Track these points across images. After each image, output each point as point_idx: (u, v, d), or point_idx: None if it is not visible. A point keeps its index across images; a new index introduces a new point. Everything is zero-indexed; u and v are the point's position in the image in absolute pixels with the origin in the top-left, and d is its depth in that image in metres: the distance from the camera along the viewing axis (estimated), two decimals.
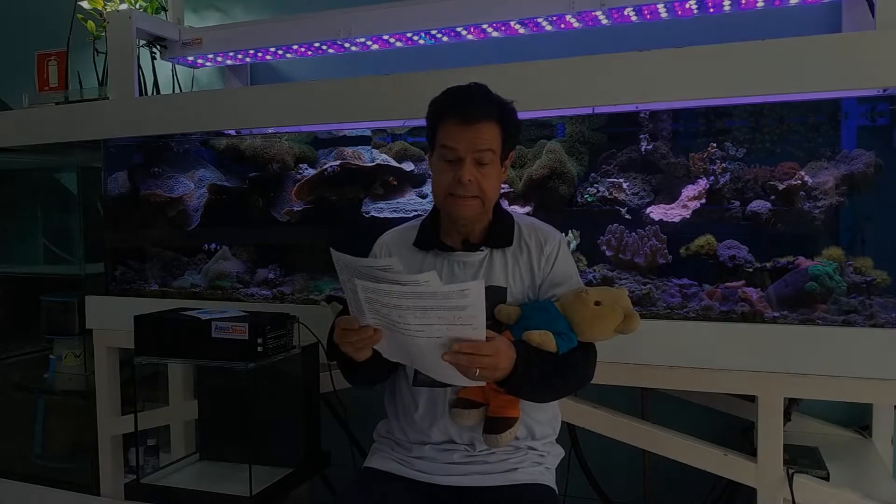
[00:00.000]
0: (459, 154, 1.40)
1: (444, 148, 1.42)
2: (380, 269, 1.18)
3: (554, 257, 1.50)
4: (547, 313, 1.41)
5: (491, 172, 1.42)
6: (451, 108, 1.41)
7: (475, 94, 1.43)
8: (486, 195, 1.43)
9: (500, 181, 1.48)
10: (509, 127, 1.44)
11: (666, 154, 1.97)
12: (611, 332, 1.40)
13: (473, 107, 1.40)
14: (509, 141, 1.46)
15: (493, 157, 1.42)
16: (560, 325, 1.39)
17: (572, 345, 1.39)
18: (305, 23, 2.39)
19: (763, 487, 1.66)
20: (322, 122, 2.12)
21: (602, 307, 1.39)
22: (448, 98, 1.44)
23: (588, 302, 1.39)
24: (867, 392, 1.59)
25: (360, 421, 2.09)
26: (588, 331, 1.39)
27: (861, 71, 1.54)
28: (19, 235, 3.05)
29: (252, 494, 1.74)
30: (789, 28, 2.14)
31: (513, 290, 1.48)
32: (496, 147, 1.42)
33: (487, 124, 1.40)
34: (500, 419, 1.40)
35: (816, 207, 1.81)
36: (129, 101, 2.36)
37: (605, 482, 2.21)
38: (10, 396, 2.85)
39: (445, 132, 1.42)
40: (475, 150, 1.40)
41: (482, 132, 1.39)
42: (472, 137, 1.39)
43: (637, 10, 2.04)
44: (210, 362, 1.77)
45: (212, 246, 2.41)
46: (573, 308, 1.40)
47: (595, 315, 1.38)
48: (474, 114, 1.39)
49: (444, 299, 1.16)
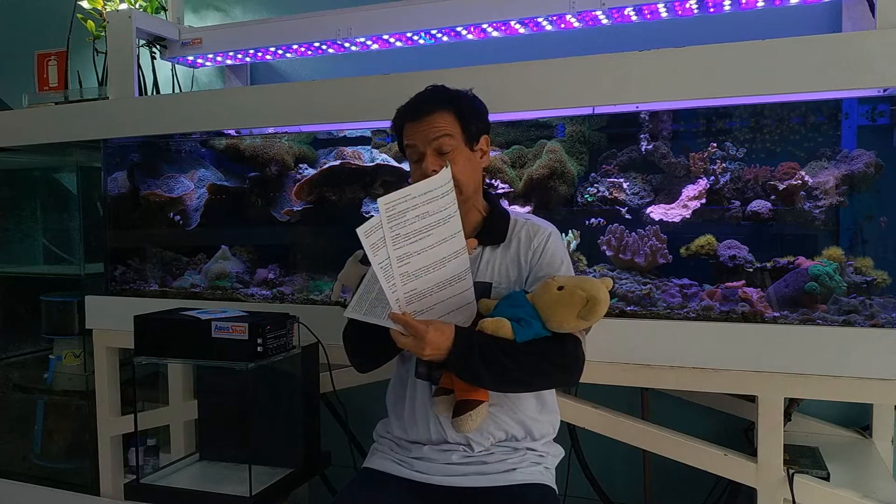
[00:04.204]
0: (420, 149, 1.46)
1: (407, 149, 1.49)
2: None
3: (542, 249, 1.49)
4: (512, 301, 1.40)
5: (456, 159, 1.45)
6: (404, 113, 1.50)
7: (425, 93, 1.51)
8: (457, 181, 1.42)
9: (474, 166, 1.49)
10: (465, 111, 1.47)
11: (666, 154, 1.97)
12: (573, 318, 1.34)
13: (421, 103, 1.48)
14: (471, 125, 1.48)
15: (453, 141, 1.45)
16: (521, 312, 1.36)
17: (532, 332, 1.34)
18: (305, 23, 2.39)
19: (763, 488, 1.66)
20: (322, 122, 2.12)
21: (563, 292, 1.34)
22: (401, 108, 1.52)
23: (551, 287, 1.36)
24: (867, 392, 1.59)
25: (360, 421, 2.09)
26: (552, 317, 1.35)
27: (861, 71, 1.54)
28: (19, 235, 3.05)
29: (252, 495, 1.74)
30: (789, 28, 2.14)
31: (499, 285, 1.49)
32: (453, 132, 1.45)
33: (439, 114, 1.45)
34: (463, 401, 1.38)
35: (817, 207, 1.81)
36: (129, 101, 2.35)
37: (605, 482, 2.21)
38: (10, 396, 2.85)
39: (406, 133, 1.49)
40: (430, 139, 1.44)
41: (434, 122, 1.45)
42: (425, 129, 1.45)
43: (637, 10, 2.04)
44: (210, 362, 1.76)
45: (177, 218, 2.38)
46: (539, 294, 1.38)
47: (556, 300, 1.34)
48: (423, 108, 1.47)
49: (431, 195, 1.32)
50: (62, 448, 2.72)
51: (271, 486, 1.79)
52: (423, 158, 1.45)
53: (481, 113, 1.52)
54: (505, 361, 1.33)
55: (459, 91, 1.51)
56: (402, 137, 1.51)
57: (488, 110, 1.54)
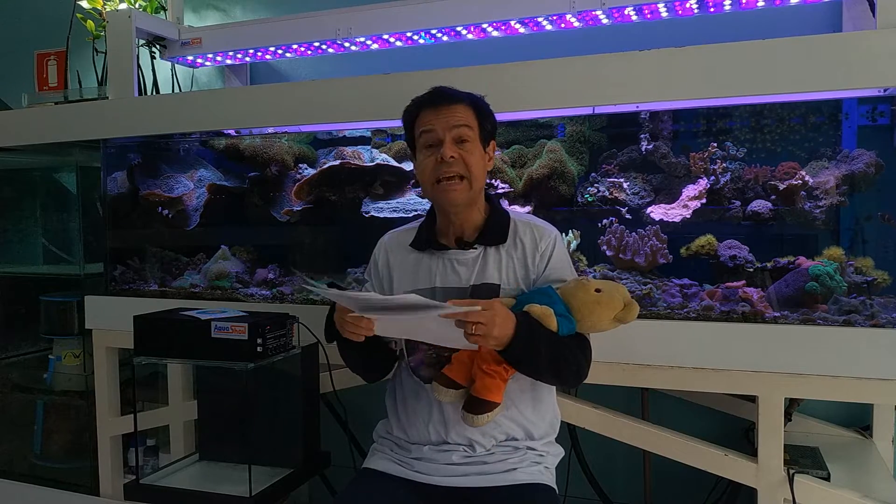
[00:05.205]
0: (438, 135, 1.46)
1: (423, 134, 1.49)
2: (363, 300, 1.31)
3: (549, 254, 1.51)
4: (547, 296, 1.41)
5: (473, 150, 1.46)
6: (424, 101, 1.51)
7: (441, 87, 1.52)
8: (471, 173, 1.45)
9: (484, 165, 1.51)
10: (482, 110, 1.50)
11: (666, 154, 1.97)
12: (609, 319, 1.41)
13: (443, 92, 1.50)
14: (487, 123, 1.50)
15: (471, 133, 1.47)
16: (559, 307, 1.39)
17: (571, 328, 1.39)
18: (305, 22, 2.38)
19: (763, 488, 1.65)
20: (322, 122, 2.12)
21: (602, 294, 1.40)
22: (419, 97, 1.53)
23: (589, 288, 1.41)
24: (868, 392, 1.58)
25: (360, 421, 2.09)
26: (588, 317, 1.40)
27: (861, 71, 1.54)
28: (19, 235, 3.05)
29: (252, 495, 1.74)
30: (789, 28, 2.14)
31: (506, 286, 1.49)
32: (472, 124, 1.47)
33: (460, 105, 1.48)
34: (481, 401, 1.40)
35: (817, 207, 1.81)
36: (129, 101, 2.35)
37: (605, 482, 2.21)
38: (10, 396, 2.85)
39: (422, 120, 1.49)
40: (451, 126, 1.46)
41: (455, 111, 1.47)
42: (447, 116, 1.46)
43: (637, 10, 2.04)
44: (210, 362, 1.76)
45: (165, 212, 2.37)
46: (573, 293, 1.41)
47: (595, 301, 1.39)
48: (446, 97, 1.49)
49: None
50: (62, 448, 2.72)
51: (271, 486, 1.79)
52: (440, 144, 1.45)
53: (493, 119, 1.55)
54: (554, 353, 1.37)
55: (473, 94, 1.53)
56: (416, 125, 1.50)
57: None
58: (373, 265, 1.64)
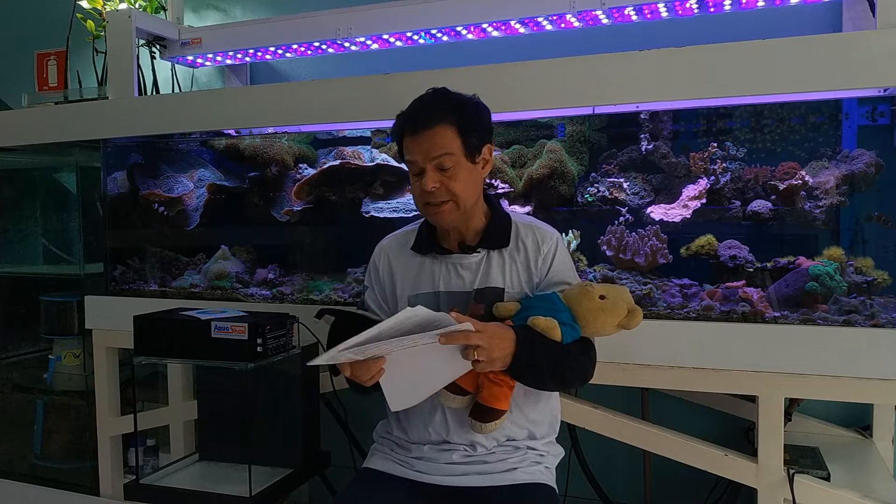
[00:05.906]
0: (420, 165, 1.43)
1: (407, 163, 1.47)
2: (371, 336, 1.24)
3: (552, 257, 1.50)
4: (551, 303, 1.42)
5: (457, 174, 1.43)
6: (404, 124, 1.46)
7: (425, 101, 1.46)
8: (457, 196, 1.43)
9: (475, 179, 1.47)
10: (467, 124, 1.43)
11: (666, 154, 1.97)
12: (613, 326, 1.41)
13: (421, 116, 1.43)
14: (472, 138, 1.44)
15: (453, 158, 1.42)
16: (563, 315, 1.39)
17: (576, 335, 1.40)
18: (305, 22, 2.38)
19: (763, 488, 1.65)
20: (322, 122, 2.12)
21: (606, 301, 1.40)
22: (403, 114, 1.48)
23: (593, 295, 1.41)
24: (868, 392, 1.58)
25: (360, 421, 2.09)
26: (592, 324, 1.40)
27: (861, 71, 1.54)
28: (19, 235, 3.05)
29: (252, 495, 1.74)
30: (789, 28, 2.14)
31: (510, 290, 1.49)
32: (454, 149, 1.42)
33: (439, 129, 1.41)
34: (488, 409, 1.40)
35: (817, 207, 1.81)
36: (129, 101, 2.35)
37: (605, 482, 2.21)
38: (10, 396, 2.85)
39: (405, 148, 1.47)
40: (431, 157, 1.42)
41: (434, 138, 1.41)
42: (426, 146, 1.42)
43: (637, 10, 2.04)
44: (210, 362, 1.76)
45: (161, 209, 2.34)
46: (577, 300, 1.41)
47: (599, 308, 1.40)
48: (423, 122, 1.42)
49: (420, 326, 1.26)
50: (62, 448, 2.72)
51: (271, 486, 1.79)
52: (424, 173, 1.43)
53: (484, 122, 1.49)
54: (558, 364, 1.37)
55: (462, 98, 1.46)
56: (402, 148, 1.48)
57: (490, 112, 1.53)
58: (373, 271, 1.62)
